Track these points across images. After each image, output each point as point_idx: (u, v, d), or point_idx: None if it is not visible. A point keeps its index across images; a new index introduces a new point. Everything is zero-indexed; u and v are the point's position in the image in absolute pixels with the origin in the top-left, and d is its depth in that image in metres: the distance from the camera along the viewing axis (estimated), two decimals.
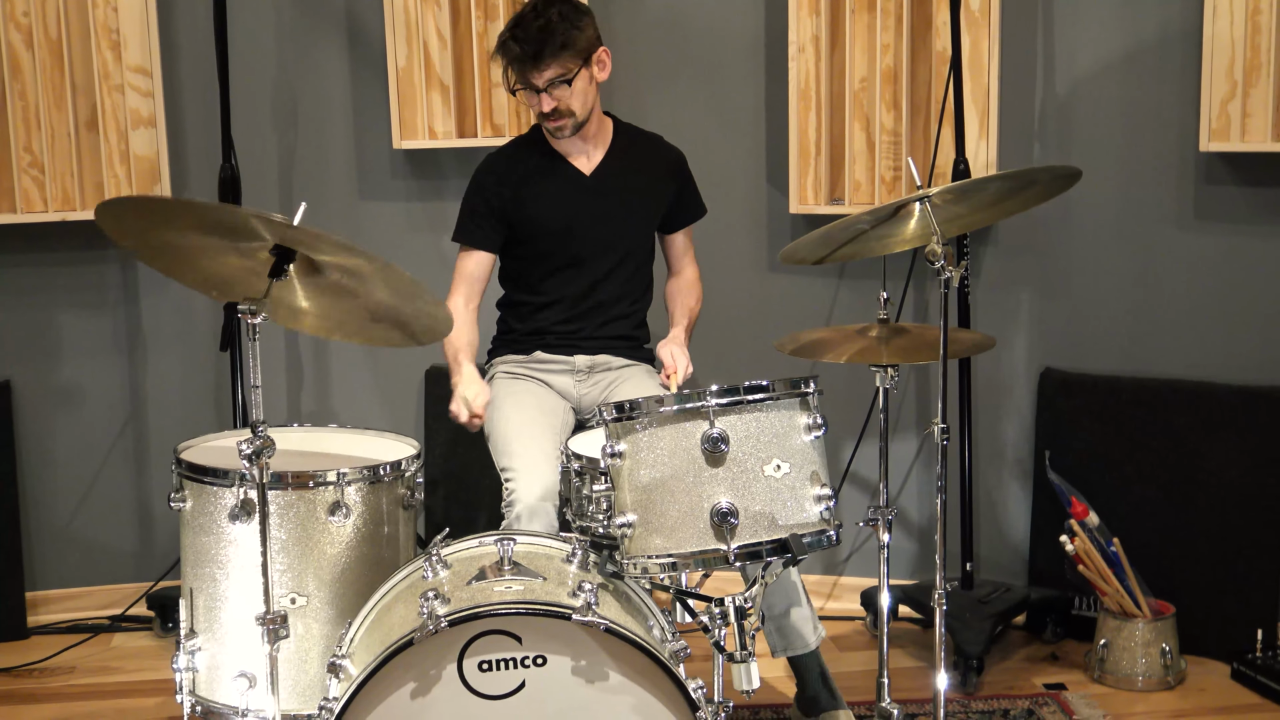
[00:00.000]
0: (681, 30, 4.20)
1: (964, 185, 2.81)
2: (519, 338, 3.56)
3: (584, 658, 2.54)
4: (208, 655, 2.99)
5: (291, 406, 4.35)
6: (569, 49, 3.33)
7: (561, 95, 3.35)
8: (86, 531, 4.33)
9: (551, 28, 3.32)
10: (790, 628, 3.34)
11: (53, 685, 3.91)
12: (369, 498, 2.97)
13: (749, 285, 4.22)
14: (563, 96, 3.35)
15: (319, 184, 4.29)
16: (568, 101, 3.36)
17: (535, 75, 3.33)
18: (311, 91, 4.26)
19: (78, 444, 4.30)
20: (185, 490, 3.00)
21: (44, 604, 4.28)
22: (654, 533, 2.60)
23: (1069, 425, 4.04)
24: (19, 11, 3.99)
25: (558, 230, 3.48)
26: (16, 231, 4.11)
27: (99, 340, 4.28)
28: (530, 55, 3.31)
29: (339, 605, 2.94)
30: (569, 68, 3.34)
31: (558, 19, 3.33)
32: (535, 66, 3.32)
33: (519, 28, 3.35)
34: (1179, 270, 3.96)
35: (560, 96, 3.35)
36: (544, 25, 3.32)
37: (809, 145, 4.06)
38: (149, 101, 4.07)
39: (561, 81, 3.34)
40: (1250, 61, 3.69)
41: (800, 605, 3.34)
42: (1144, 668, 3.72)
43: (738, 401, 2.59)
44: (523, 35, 3.32)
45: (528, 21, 3.34)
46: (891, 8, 3.96)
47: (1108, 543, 3.75)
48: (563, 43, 3.32)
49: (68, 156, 4.06)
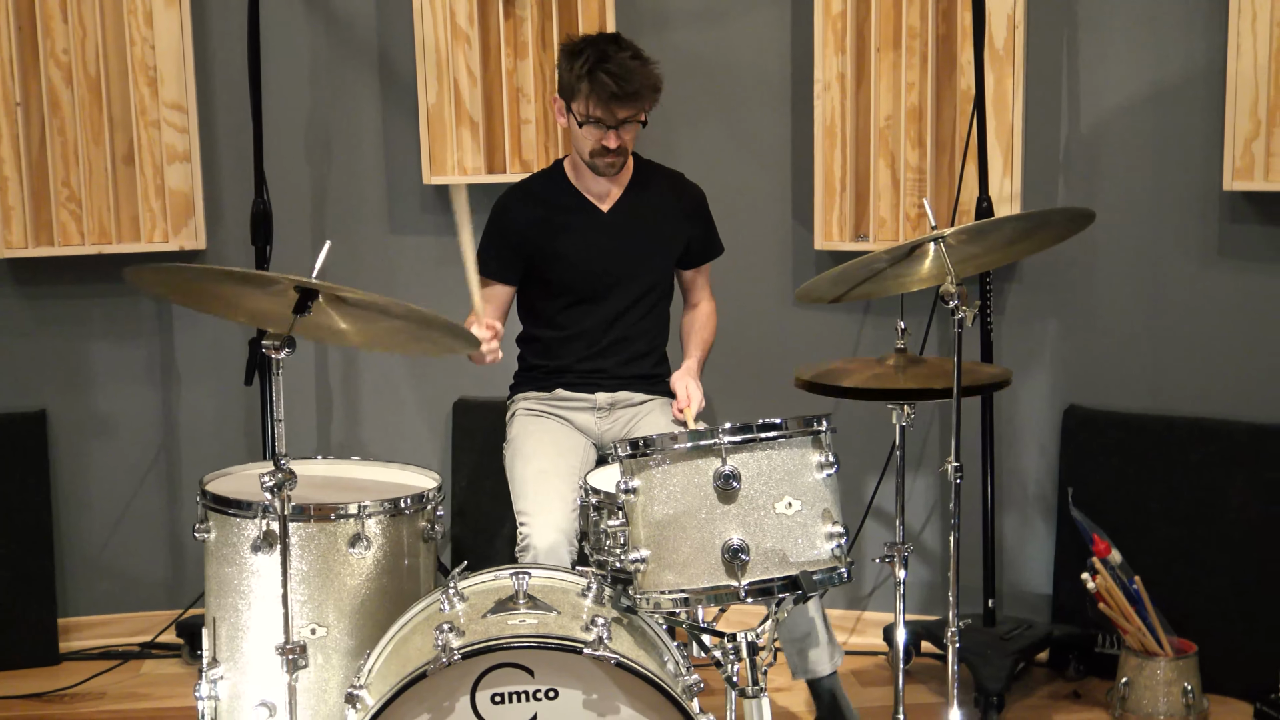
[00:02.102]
0: (710, 68, 4.24)
1: (979, 226, 2.83)
2: (540, 375, 3.59)
3: (595, 691, 2.58)
4: (229, 684, 3.03)
5: (321, 438, 4.41)
6: (655, 93, 3.37)
7: (628, 134, 3.39)
8: (118, 559, 4.39)
9: (646, 66, 3.35)
10: (810, 651, 3.37)
11: (83, 711, 3.96)
12: (389, 530, 3.01)
13: (774, 320, 4.25)
14: (629, 135, 3.39)
15: (351, 218, 4.35)
16: (627, 140, 3.41)
17: (621, 111, 3.34)
18: (344, 127, 4.32)
19: (111, 473, 4.37)
20: (210, 521, 3.05)
21: (76, 630, 4.35)
22: (666, 568, 2.63)
23: (1092, 462, 4.04)
24: (59, 49, 4.07)
25: (575, 266, 3.52)
26: (54, 264, 4.20)
27: (133, 371, 4.35)
28: (627, 93, 3.31)
29: (359, 636, 2.98)
30: (647, 107, 3.38)
31: (640, 58, 3.35)
32: (625, 103, 3.33)
33: (610, 61, 3.31)
34: (1201, 308, 3.96)
35: (627, 136, 3.39)
36: (640, 66, 3.33)
37: (834, 182, 4.10)
38: (184, 137, 4.15)
39: (635, 121, 3.37)
40: (1274, 101, 3.69)
41: (821, 630, 3.38)
42: (1166, 706, 3.71)
43: (750, 439, 2.62)
44: (619, 72, 3.30)
45: (619, 58, 3.32)
46: (916, 46, 3.99)
47: (1129, 580, 3.75)
48: (653, 85, 3.36)
49: (105, 191, 4.14)
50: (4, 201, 4.07)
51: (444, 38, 4.12)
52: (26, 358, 4.29)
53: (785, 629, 3.34)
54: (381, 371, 4.40)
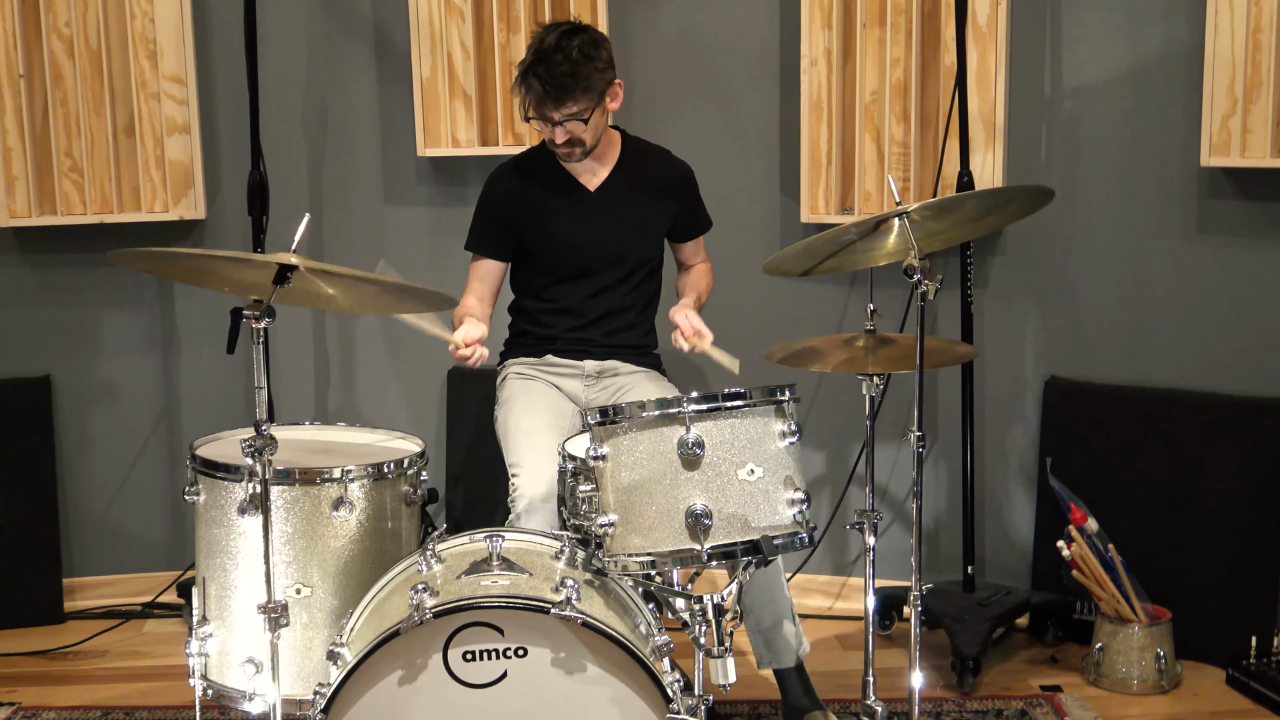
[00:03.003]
0: (697, 44, 4.31)
1: (941, 202, 2.90)
2: (530, 341, 3.68)
3: (563, 650, 2.67)
4: (218, 641, 3.13)
5: (319, 405, 4.51)
6: (590, 92, 3.39)
7: (575, 129, 3.43)
8: (121, 521, 4.50)
9: (575, 69, 3.35)
10: (776, 643, 3.44)
11: (85, 668, 4.08)
12: (372, 493, 3.10)
13: (761, 292, 4.31)
14: (576, 130, 3.44)
15: (347, 189, 4.44)
16: (580, 134, 3.45)
17: (554, 112, 3.40)
18: (340, 100, 4.41)
19: (114, 437, 4.48)
20: (199, 484, 3.15)
21: (80, 590, 4.47)
22: (633, 532, 2.72)
23: (1072, 433, 4.12)
24: (61, 22, 4.16)
25: (563, 243, 3.59)
26: (57, 233, 4.30)
27: (135, 338, 4.45)
28: (553, 96, 3.37)
29: (342, 596, 3.07)
30: (587, 107, 3.41)
31: (580, 57, 3.37)
32: (556, 105, 3.38)
33: (541, 64, 3.37)
34: (1181, 282, 4.03)
35: (574, 130, 3.43)
36: (569, 68, 3.35)
37: (820, 156, 4.16)
38: (184, 109, 4.24)
39: (577, 120, 3.42)
40: (1251, 79, 3.75)
41: (788, 622, 3.43)
42: (1139, 672, 3.79)
43: (715, 408, 2.71)
44: (546, 75, 3.36)
45: (551, 59, 3.36)
46: (902, 23, 4.05)
47: (1105, 548, 3.82)
48: (585, 86, 3.37)
49: (106, 161, 4.24)
50: (8, 171, 4.17)
51: (438, 11, 4.19)
52: (31, 324, 4.40)
53: (753, 619, 3.41)
54: (378, 340, 4.49)
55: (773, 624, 3.42)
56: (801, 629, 3.50)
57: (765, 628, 3.43)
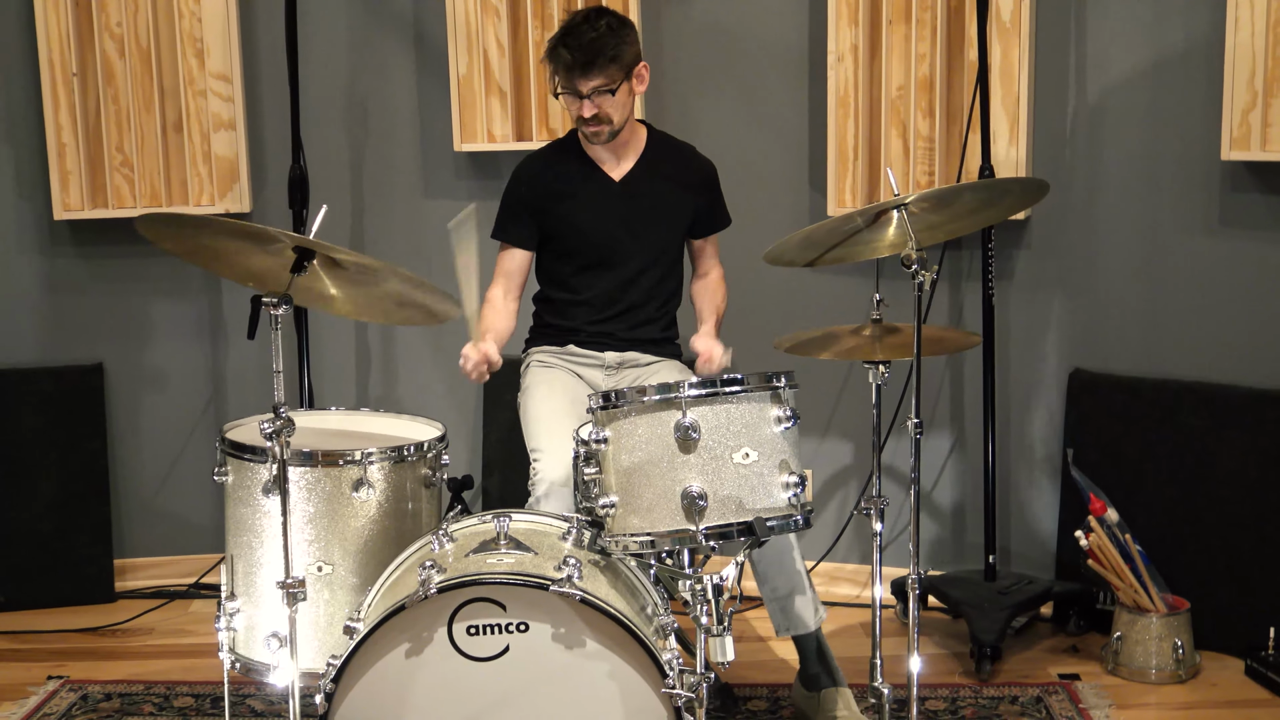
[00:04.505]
0: (727, 40, 4.39)
1: (938, 193, 2.97)
2: (554, 332, 3.78)
3: (563, 626, 2.76)
4: (245, 616, 3.26)
5: (360, 393, 4.64)
6: (616, 62, 3.52)
7: (603, 103, 3.55)
8: (170, 504, 4.66)
9: (602, 39, 3.50)
10: (793, 610, 3.52)
11: (132, 645, 4.24)
12: (391, 475, 3.21)
13: (789, 283, 4.38)
14: (604, 104, 3.55)
15: (387, 184, 4.56)
16: (608, 109, 3.56)
17: (582, 83, 3.52)
18: (380, 96, 4.54)
19: (163, 423, 4.64)
20: (228, 465, 3.28)
21: (131, 571, 4.64)
22: (633, 513, 2.82)
23: (1095, 424, 4.16)
24: (113, 22, 4.32)
25: (586, 232, 3.69)
26: (109, 225, 4.46)
27: (183, 326, 4.61)
28: (580, 64, 3.50)
29: (362, 574, 3.18)
30: (614, 78, 3.53)
31: (607, 30, 3.52)
32: (584, 75, 3.51)
33: (570, 35, 3.52)
34: (1202, 276, 4.05)
35: (601, 104, 3.55)
36: (596, 36, 3.50)
37: (847, 150, 4.23)
38: (230, 106, 4.39)
39: (605, 91, 3.53)
40: (1271, 73, 3.77)
41: (803, 590, 3.52)
42: (1157, 661, 3.83)
43: (712, 393, 2.80)
44: (574, 44, 3.50)
45: (580, 30, 3.53)
46: (927, 19, 4.11)
47: (1124, 538, 3.86)
48: (612, 55, 3.51)
49: (155, 156, 4.40)
50: (62, 166, 4.35)
51: (474, 10, 4.31)
52: (85, 313, 4.58)
53: (769, 588, 3.50)
54: (418, 331, 4.61)
55: (787, 593, 3.51)
56: (818, 598, 3.58)
57: (780, 596, 3.51)
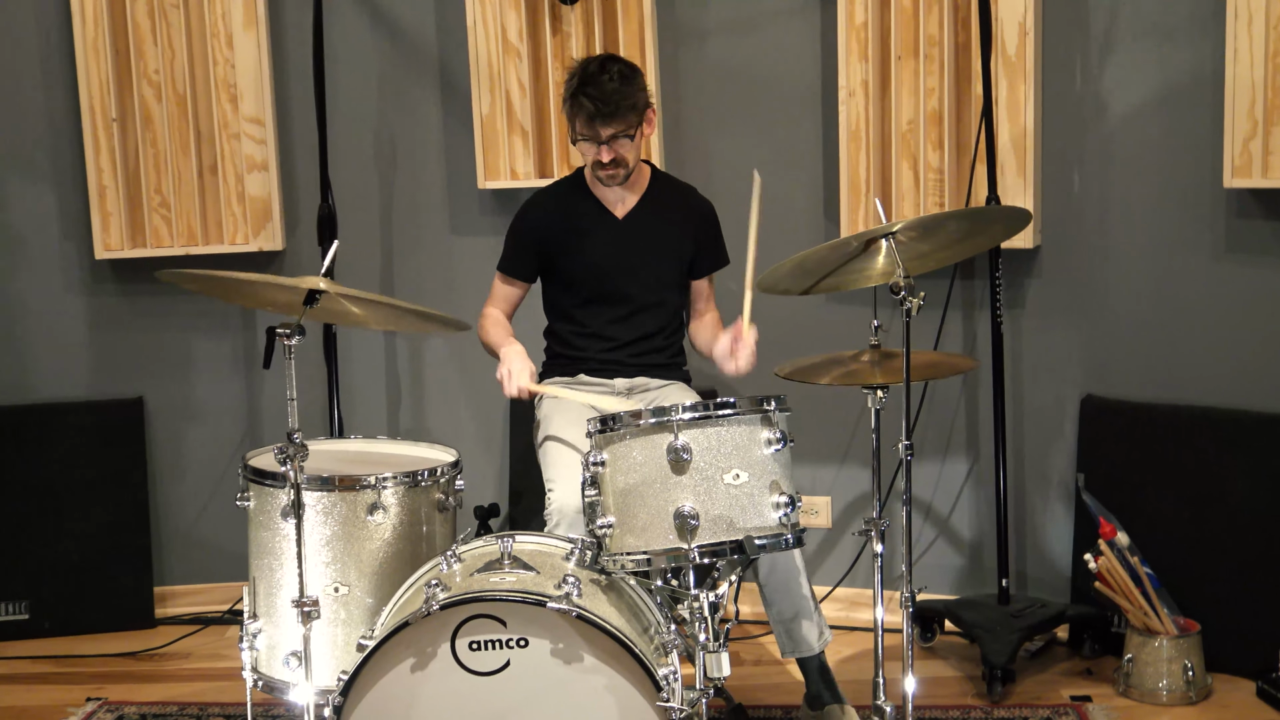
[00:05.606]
0: (742, 78, 4.51)
1: (923, 221, 3.06)
2: (564, 362, 3.91)
3: (561, 641, 2.86)
4: (266, 636, 3.39)
5: (390, 421, 4.78)
6: (635, 110, 3.67)
7: (620, 148, 3.69)
8: (208, 533, 4.82)
9: (622, 89, 3.65)
10: (798, 633, 3.61)
11: (169, 668, 4.39)
12: (405, 500, 3.34)
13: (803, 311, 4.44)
14: (621, 149, 3.69)
15: (414, 220, 4.72)
16: (624, 154, 3.70)
17: (603, 130, 3.66)
18: (407, 136, 4.69)
19: (201, 454, 4.80)
20: (250, 491, 3.42)
21: (171, 598, 4.79)
22: (629, 533, 2.92)
23: (1106, 449, 4.22)
24: (151, 69, 4.51)
25: (591, 266, 3.82)
26: (148, 264, 4.61)
27: (220, 361, 4.78)
28: (603, 113, 3.63)
29: (377, 595, 3.31)
30: (632, 124, 3.67)
31: (621, 79, 3.66)
32: (605, 122, 3.64)
33: (590, 85, 3.64)
34: (1210, 302, 4.11)
35: (619, 149, 3.69)
36: (615, 86, 3.64)
37: (859, 182, 4.33)
38: (262, 148, 4.56)
39: (624, 136, 3.67)
40: (1271, 102, 3.83)
41: (809, 614, 3.61)
42: (1168, 683, 3.86)
43: (704, 417, 2.90)
44: (595, 94, 3.63)
45: (599, 80, 3.64)
46: (936, 54, 4.20)
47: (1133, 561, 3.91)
48: (631, 104, 3.66)
49: (192, 197, 4.57)
50: (103, 207, 4.53)
51: (496, 52, 4.46)
52: (125, 349, 4.75)
53: (775, 611, 3.60)
54: (446, 360, 4.75)
55: (792, 616, 3.60)
56: (824, 622, 3.66)
57: (786, 619, 3.61)
